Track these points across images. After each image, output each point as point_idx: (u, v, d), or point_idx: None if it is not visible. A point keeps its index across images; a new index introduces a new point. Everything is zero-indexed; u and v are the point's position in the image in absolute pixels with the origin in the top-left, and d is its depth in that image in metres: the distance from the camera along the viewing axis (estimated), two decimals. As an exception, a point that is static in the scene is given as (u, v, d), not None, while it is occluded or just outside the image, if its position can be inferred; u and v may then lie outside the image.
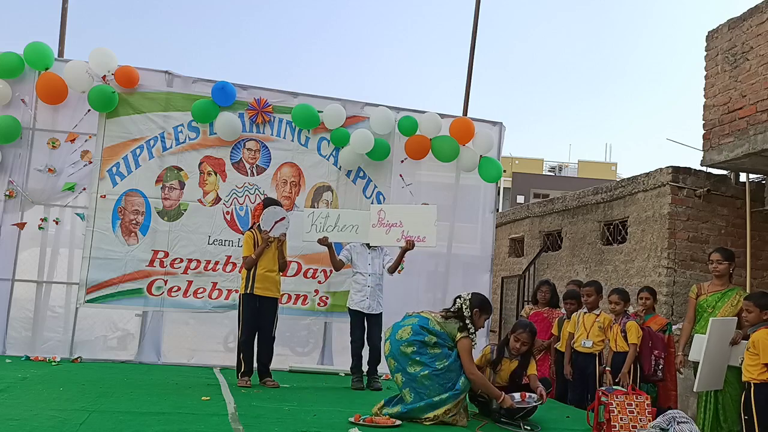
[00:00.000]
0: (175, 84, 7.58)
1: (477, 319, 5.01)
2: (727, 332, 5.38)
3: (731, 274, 5.91)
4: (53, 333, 7.23)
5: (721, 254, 5.88)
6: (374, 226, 6.53)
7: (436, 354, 4.84)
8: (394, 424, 4.58)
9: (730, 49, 7.69)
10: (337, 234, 6.60)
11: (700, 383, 5.37)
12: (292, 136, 7.75)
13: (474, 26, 9.12)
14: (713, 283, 5.90)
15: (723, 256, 5.85)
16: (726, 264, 5.81)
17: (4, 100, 7.09)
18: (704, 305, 5.83)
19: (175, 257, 7.34)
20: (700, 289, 5.95)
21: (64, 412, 4.25)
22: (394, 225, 6.48)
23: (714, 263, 5.86)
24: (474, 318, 4.98)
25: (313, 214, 6.75)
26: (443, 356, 4.85)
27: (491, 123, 8.46)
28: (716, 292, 5.80)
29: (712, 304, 5.77)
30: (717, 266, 5.83)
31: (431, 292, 8.30)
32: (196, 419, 4.33)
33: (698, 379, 5.35)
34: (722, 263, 5.81)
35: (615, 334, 6.04)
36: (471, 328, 4.96)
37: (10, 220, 7.14)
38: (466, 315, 4.96)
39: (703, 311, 5.82)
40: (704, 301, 5.84)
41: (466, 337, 4.92)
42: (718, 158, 7.68)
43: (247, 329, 6.06)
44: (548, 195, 21.49)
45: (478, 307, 5.01)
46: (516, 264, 12.70)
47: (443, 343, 4.90)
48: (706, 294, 5.86)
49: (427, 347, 4.85)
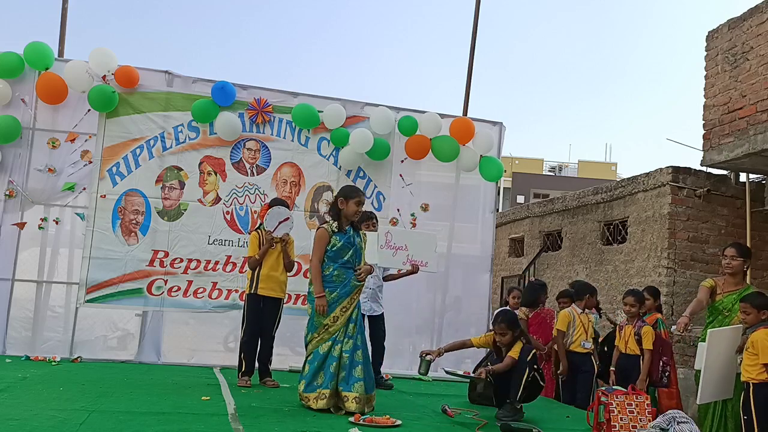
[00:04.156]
0: (175, 84, 7.58)
1: (345, 207, 5.12)
2: (730, 341, 5.09)
3: (745, 272, 5.46)
4: (53, 333, 7.23)
5: (737, 250, 5.36)
6: (382, 247, 6.53)
7: None
8: (394, 423, 4.57)
9: (730, 49, 7.69)
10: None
11: (703, 395, 5.10)
12: (292, 136, 7.75)
13: (474, 26, 9.13)
14: (727, 282, 5.36)
15: (738, 252, 5.33)
16: (741, 260, 5.30)
17: (4, 100, 7.08)
18: (719, 307, 5.32)
19: (175, 257, 7.33)
20: (716, 285, 5.37)
21: (64, 412, 4.25)
22: (400, 248, 6.49)
23: (728, 258, 5.33)
24: (341, 207, 5.12)
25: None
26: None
27: (491, 123, 8.46)
28: (732, 293, 5.28)
29: (728, 306, 5.26)
30: (731, 262, 5.30)
31: (431, 292, 8.29)
32: (196, 419, 4.32)
33: (700, 390, 5.09)
34: (737, 259, 5.30)
35: (627, 337, 6.01)
36: (329, 217, 5.21)
37: (10, 220, 7.13)
38: (330, 209, 5.24)
39: (718, 313, 5.33)
40: (719, 302, 5.32)
41: (322, 228, 5.14)
42: (718, 158, 7.69)
43: (250, 329, 6.05)
44: (548, 195, 21.50)
45: (342, 195, 5.18)
46: (516, 264, 12.70)
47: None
48: (722, 293, 5.32)
49: None
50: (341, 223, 5.12)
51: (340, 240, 5.08)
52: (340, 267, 5.06)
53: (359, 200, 5.18)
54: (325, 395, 4.85)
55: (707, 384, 5.10)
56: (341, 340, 5.00)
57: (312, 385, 4.92)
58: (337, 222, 5.11)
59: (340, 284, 5.05)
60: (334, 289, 5.03)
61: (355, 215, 5.20)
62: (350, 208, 5.13)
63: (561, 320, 6.37)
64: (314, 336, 5.02)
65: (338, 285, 5.05)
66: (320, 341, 5.00)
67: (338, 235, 5.09)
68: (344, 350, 4.98)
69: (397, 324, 7.32)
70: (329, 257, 5.07)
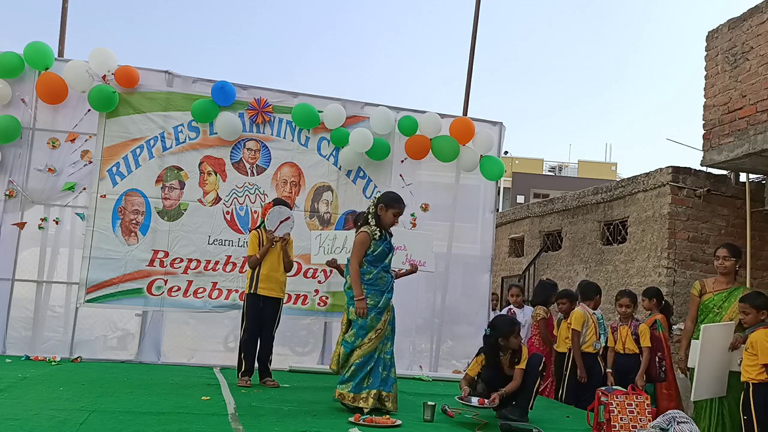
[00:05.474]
0: (175, 84, 7.58)
1: (383, 214, 5.10)
2: (723, 338, 5.19)
3: (737, 272, 5.64)
4: (53, 333, 7.23)
5: (729, 250, 5.56)
6: None
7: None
8: (394, 423, 4.58)
9: (730, 49, 7.69)
10: (346, 256, 6.56)
11: (697, 392, 5.19)
12: (292, 136, 7.75)
13: (474, 26, 9.13)
14: (718, 281, 5.58)
15: (730, 252, 5.53)
16: (733, 261, 5.50)
17: (4, 100, 7.08)
18: (709, 305, 5.51)
19: (175, 257, 7.34)
20: (704, 286, 5.61)
21: (64, 412, 4.25)
22: (399, 248, 6.51)
23: (720, 259, 5.54)
24: (379, 214, 5.09)
25: (321, 236, 6.80)
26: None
27: (491, 123, 8.46)
28: (721, 291, 5.49)
29: (718, 304, 5.46)
30: (723, 262, 5.51)
31: (431, 292, 8.30)
32: (196, 419, 4.32)
33: (695, 387, 5.18)
34: (729, 259, 5.50)
35: (624, 337, 6.03)
36: (372, 221, 5.07)
37: (10, 220, 7.13)
38: (371, 212, 5.12)
39: (708, 311, 5.51)
40: (709, 300, 5.52)
41: (363, 231, 5.06)
42: (718, 158, 7.69)
43: (250, 329, 6.06)
44: (548, 195, 21.49)
45: (383, 202, 5.13)
46: (516, 264, 12.70)
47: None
48: (711, 292, 5.53)
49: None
50: (381, 228, 5.12)
51: (380, 245, 5.09)
52: (382, 271, 5.10)
53: (398, 212, 5.19)
54: (374, 395, 4.92)
55: (701, 381, 5.19)
56: (384, 342, 5.08)
57: (361, 386, 4.95)
58: (379, 228, 5.10)
59: (386, 287, 5.10)
60: (380, 293, 5.06)
61: (391, 225, 5.21)
62: (388, 217, 5.14)
63: (576, 320, 6.16)
64: (364, 342, 5.01)
65: (384, 288, 5.08)
66: (371, 347, 5.01)
67: (379, 241, 5.10)
68: (385, 352, 5.08)
69: (397, 324, 7.24)
70: (370, 261, 5.07)
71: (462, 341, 8.21)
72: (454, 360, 8.25)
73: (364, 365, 4.98)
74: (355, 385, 4.95)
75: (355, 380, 4.96)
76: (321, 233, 6.88)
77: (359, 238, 5.08)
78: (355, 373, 4.97)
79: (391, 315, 5.18)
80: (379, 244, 5.09)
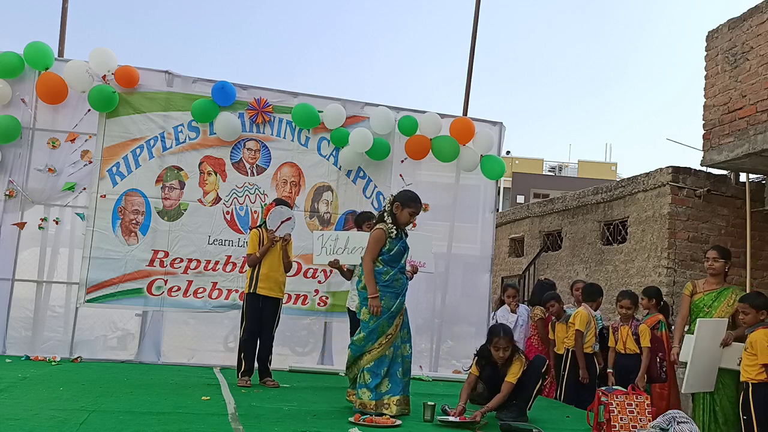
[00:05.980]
0: (175, 84, 7.58)
1: (399, 213, 5.04)
2: (716, 334, 5.33)
3: (726, 273, 5.80)
4: (53, 333, 7.23)
5: (718, 252, 5.75)
6: None
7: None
8: (394, 424, 4.57)
9: (730, 49, 7.69)
10: (347, 256, 6.55)
11: (688, 384, 5.35)
12: (292, 136, 7.75)
13: (474, 26, 9.13)
14: (708, 282, 5.76)
15: (719, 254, 5.72)
16: (722, 262, 5.68)
17: (4, 100, 7.09)
18: (699, 304, 5.70)
19: (175, 257, 7.34)
20: (695, 287, 5.81)
21: (64, 412, 4.25)
22: None
23: (710, 261, 5.73)
24: (395, 212, 5.03)
25: (323, 236, 6.74)
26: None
27: (491, 123, 8.46)
28: (711, 291, 5.68)
29: (708, 303, 5.65)
30: (713, 264, 5.70)
31: (431, 292, 8.30)
32: (196, 419, 4.32)
33: (686, 379, 5.33)
34: (718, 261, 5.68)
35: (625, 337, 6.03)
36: (388, 219, 5.01)
37: (10, 220, 7.14)
38: (386, 210, 5.05)
39: (699, 311, 5.68)
40: (700, 300, 5.71)
41: (379, 228, 5.00)
42: (718, 158, 7.69)
43: (249, 329, 6.06)
44: (548, 195, 21.49)
45: (399, 200, 5.07)
46: (516, 264, 12.70)
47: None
48: (702, 293, 5.72)
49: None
50: (397, 226, 5.06)
51: (396, 244, 5.03)
52: (398, 272, 5.03)
53: (414, 211, 5.11)
54: (396, 402, 4.87)
55: (692, 374, 5.30)
56: (400, 345, 5.02)
57: (378, 392, 4.88)
58: (395, 226, 5.04)
59: (401, 290, 5.04)
60: (395, 296, 4.99)
61: (407, 224, 5.14)
62: (403, 216, 5.06)
63: (581, 320, 6.18)
64: (374, 347, 4.93)
65: (399, 291, 5.02)
66: (381, 352, 4.94)
67: (395, 239, 5.04)
68: (405, 355, 5.03)
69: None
70: (385, 261, 4.99)
71: (462, 341, 8.22)
72: (454, 360, 8.25)
73: (378, 369, 4.90)
74: (374, 392, 4.86)
75: (369, 385, 4.87)
76: (323, 234, 6.86)
77: (375, 235, 5.01)
78: (370, 379, 4.89)
79: (404, 318, 5.10)
80: (395, 243, 5.03)
